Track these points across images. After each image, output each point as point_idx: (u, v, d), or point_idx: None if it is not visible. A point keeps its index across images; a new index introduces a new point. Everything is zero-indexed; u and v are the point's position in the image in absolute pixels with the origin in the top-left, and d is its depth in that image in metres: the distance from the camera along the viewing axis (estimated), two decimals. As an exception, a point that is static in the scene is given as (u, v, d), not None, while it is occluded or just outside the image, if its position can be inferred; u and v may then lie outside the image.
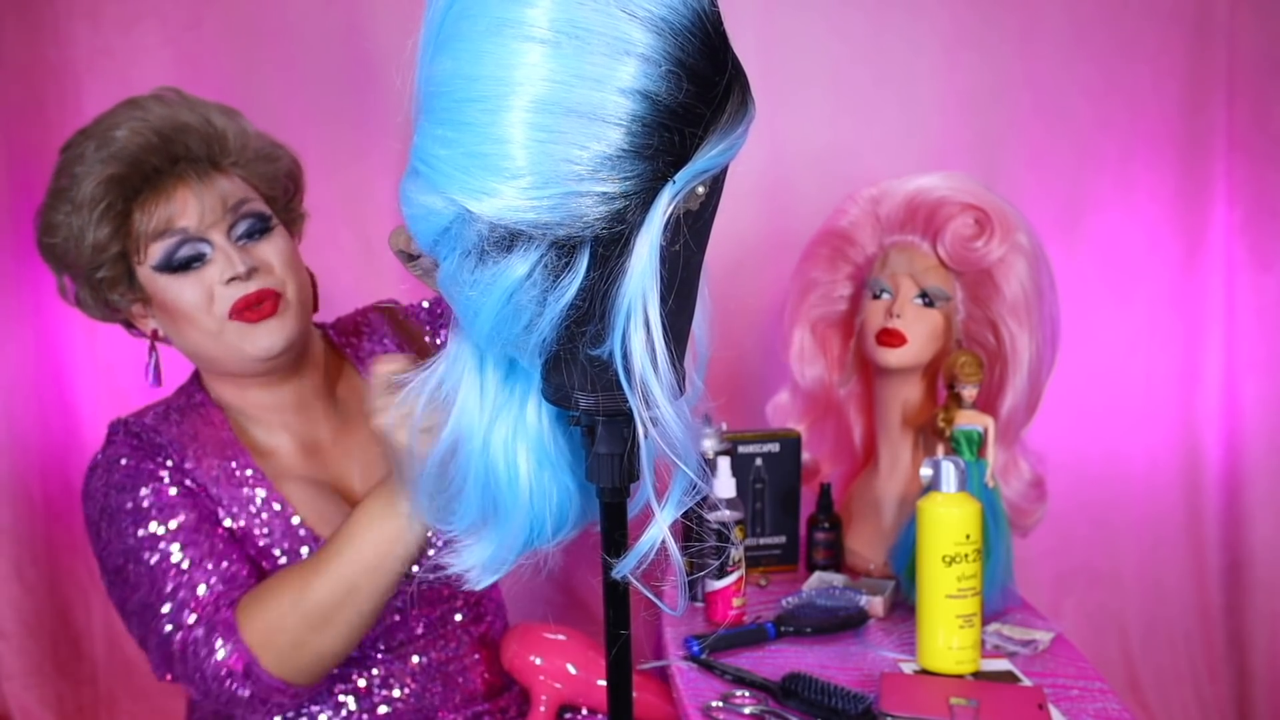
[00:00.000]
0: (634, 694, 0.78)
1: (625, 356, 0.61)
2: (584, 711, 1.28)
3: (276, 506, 1.14)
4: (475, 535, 0.74)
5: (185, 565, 1.07)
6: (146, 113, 1.10)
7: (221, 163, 1.14)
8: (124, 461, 1.12)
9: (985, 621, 1.19)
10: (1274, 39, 1.72)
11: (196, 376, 1.21)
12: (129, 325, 1.19)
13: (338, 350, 1.29)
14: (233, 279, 1.09)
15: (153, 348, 1.17)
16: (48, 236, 1.12)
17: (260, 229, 1.13)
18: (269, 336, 1.11)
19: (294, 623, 1.03)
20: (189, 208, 1.09)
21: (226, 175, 1.13)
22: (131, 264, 1.11)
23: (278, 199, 1.19)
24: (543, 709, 1.24)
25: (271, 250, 1.13)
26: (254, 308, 1.10)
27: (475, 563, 0.75)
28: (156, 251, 1.09)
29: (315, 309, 1.21)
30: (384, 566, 1.02)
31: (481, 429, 0.71)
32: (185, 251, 1.09)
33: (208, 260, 1.10)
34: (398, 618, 1.18)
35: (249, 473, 1.15)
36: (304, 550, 1.14)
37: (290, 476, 1.17)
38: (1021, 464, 1.34)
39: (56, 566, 1.66)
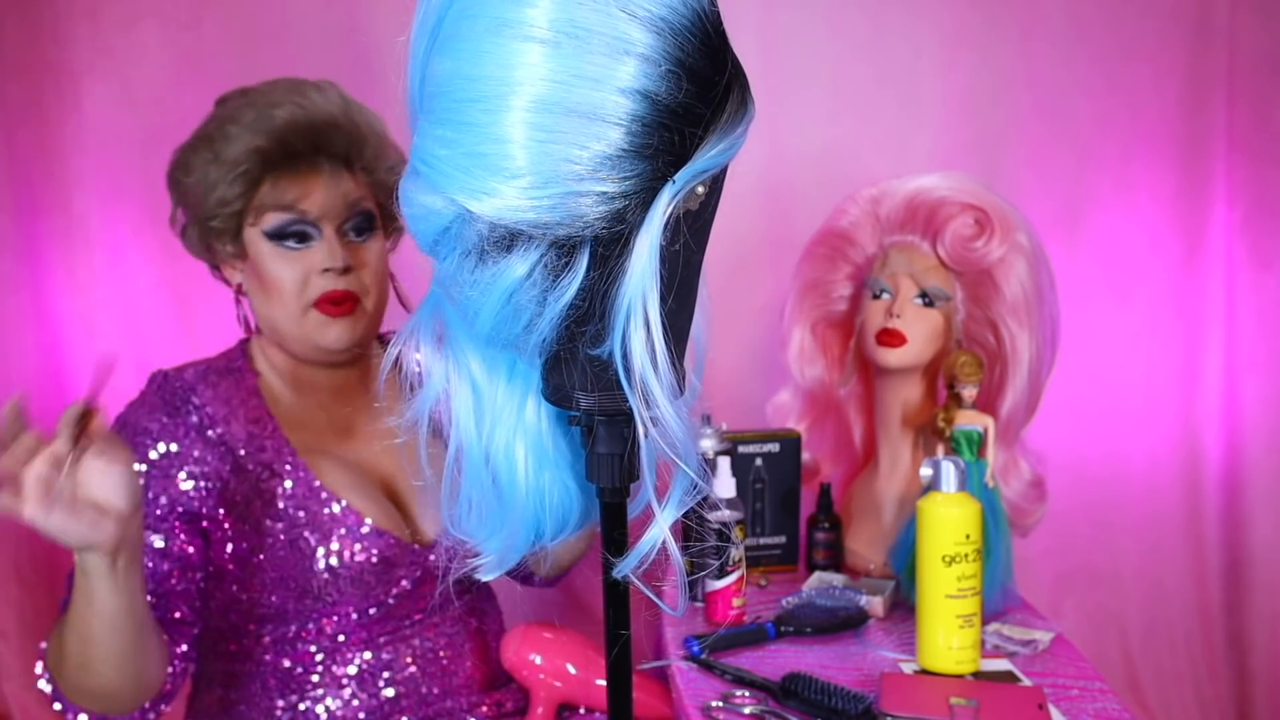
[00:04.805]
0: (634, 694, 0.78)
1: (625, 356, 0.61)
2: (583, 711, 1.28)
3: (300, 473, 1.17)
4: (489, 537, 0.74)
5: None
6: (305, 99, 1.18)
7: (354, 165, 1.21)
8: (151, 425, 1.15)
9: (985, 621, 1.19)
10: (1274, 39, 1.72)
11: (243, 346, 1.26)
12: (215, 269, 1.24)
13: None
14: (328, 270, 1.16)
15: (238, 300, 1.23)
16: (182, 174, 1.19)
17: (366, 228, 1.21)
18: (340, 332, 1.18)
19: (66, 665, 1.01)
20: (315, 195, 1.16)
21: (354, 176, 1.20)
22: (243, 223, 1.17)
23: (389, 208, 1.25)
24: (542, 709, 1.24)
25: (371, 254, 1.21)
26: (337, 304, 1.17)
27: (483, 554, 0.75)
28: (272, 220, 1.16)
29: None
30: (95, 623, 0.97)
31: (482, 435, 0.71)
32: (297, 228, 1.16)
33: (312, 245, 1.17)
34: (393, 601, 1.18)
35: (277, 441, 1.18)
36: (325, 512, 1.16)
37: (317, 450, 1.21)
38: (1021, 464, 1.34)
39: (56, 566, 1.66)
